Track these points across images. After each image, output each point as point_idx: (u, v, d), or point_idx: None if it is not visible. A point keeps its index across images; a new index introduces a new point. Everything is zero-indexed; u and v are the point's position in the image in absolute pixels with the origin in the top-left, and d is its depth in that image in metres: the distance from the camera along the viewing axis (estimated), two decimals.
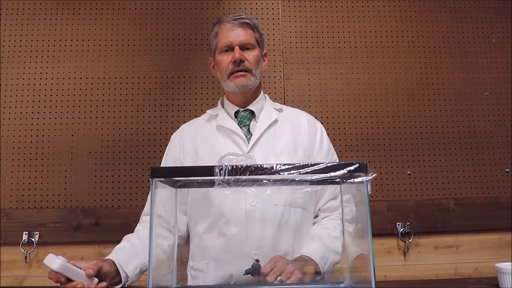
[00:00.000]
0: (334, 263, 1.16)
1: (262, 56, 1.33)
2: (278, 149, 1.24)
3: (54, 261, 0.93)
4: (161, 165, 1.36)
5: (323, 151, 1.31)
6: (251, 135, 1.27)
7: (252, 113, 1.32)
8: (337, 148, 1.37)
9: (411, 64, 2.07)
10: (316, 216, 1.29)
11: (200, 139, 1.30)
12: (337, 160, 1.36)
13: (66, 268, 0.94)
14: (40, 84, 1.97)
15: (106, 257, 1.10)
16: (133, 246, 1.16)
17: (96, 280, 0.99)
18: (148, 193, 0.99)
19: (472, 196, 1.96)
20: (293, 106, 1.48)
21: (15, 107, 1.94)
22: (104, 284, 1.00)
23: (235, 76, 1.26)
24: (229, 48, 1.27)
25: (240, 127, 1.28)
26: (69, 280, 0.95)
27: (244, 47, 1.27)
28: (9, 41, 1.99)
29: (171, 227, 1.10)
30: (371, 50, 2.07)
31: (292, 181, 0.95)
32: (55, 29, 2.02)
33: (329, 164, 0.86)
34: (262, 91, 1.38)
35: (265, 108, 1.32)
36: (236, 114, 1.32)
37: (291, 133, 1.29)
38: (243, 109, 1.32)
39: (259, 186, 0.92)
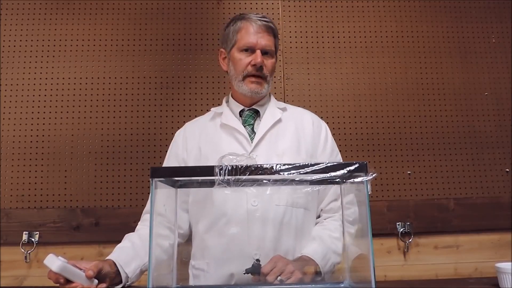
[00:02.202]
0: (335, 264, 1.16)
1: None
2: (281, 149, 1.24)
3: (54, 261, 0.92)
4: (164, 164, 1.36)
5: (327, 151, 1.30)
6: (255, 134, 1.26)
7: (257, 112, 1.31)
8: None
9: (411, 64, 2.07)
10: (318, 217, 1.29)
11: (204, 137, 1.30)
12: (341, 161, 1.35)
13: (66, 269, 0.94)
14: (40, 84, 1.97)
15: (107, 257, 1.10)
16: (134, 246, 1.15)
17: (96, 281, 0.98)
18: (149, 192, 0.99)
19: (472, 196, 1.96)
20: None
21: (15, 107, 1.94)
22: (104, 285, 0.99)
23: (250, 81, 1.25)
24: (250, 49, 1.25)
25: (244, 126, 1.28)
26: (68, 280, 0.95)
27: (265, 52, 1.25)
28: (9, 41, 1.99)
29: (172, 226, 1.09)
30: (371, 50, 2.07)
31: (292, 181, 0.95)
32: (55, 29, 2.02)
33: (329, 164, 0.86)
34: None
35: (269, 108, 1.32)
36: (241, 113, 1.31)
37: (294, 133, 1.28)
38: (248, 108, 1.31)
39: (259, 186, 0.92)
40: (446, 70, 2.07)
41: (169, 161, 1.34)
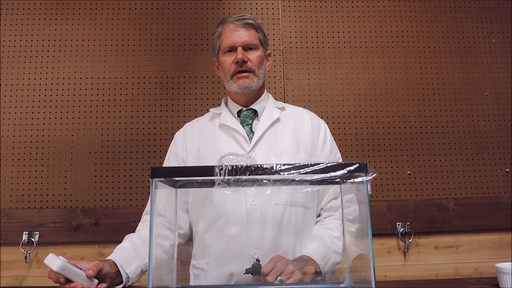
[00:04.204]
0: (335, 263, 1.16)
1: (265, 56, 1.34)
2: (279, 148, 1.24)
3: (54, 261, 0.92)
4: (164, 164, 1.36)
5: (326, 150, 1.31)
6: (253, 134, 1.27)
7: (255, 112, 1.32)
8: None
9: (411, 64, 2.07)
10: (318, 215, 1.29)
11: (203, 138, 1.31)
12: (341, 159, 1.36)
13: (66, 269, 0.94)
14: (40, 84, 1.97)
15: (107, 257, 1.10)
16: (134, 246, 1.16)
17: (96, 281, 0.98)
18: (149, 192, 0.99)
19: (472, 196, 1.96)
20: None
21: (15, 107, 1.94)
22: (104, 285, 0.99)
23: (238, 77, 1.26)
24: (232, 49, 1.27)
25: (243, 126, 1.28)
26: (68, 280, 0.95)
27: (247, 47, 1.27)
28: (9, 41, 1.99)
29: (172, 226, 1.10)
30: (371, 50, 2.07)
31: (292, 181, 0.95)
32: (55, 29, 2.02)
33: (329, 164, 0.86)
34: (265, 91, 1.38)
35: (268, 107, 1.33)
36: (239, 113, 1.32)
37: (293, 132, 1.29)
38: (246, 108, 1.32)
39: (259, 186, 0.92)
40: (446, 70, 2.07)
41: (169, 161, 1.34)
